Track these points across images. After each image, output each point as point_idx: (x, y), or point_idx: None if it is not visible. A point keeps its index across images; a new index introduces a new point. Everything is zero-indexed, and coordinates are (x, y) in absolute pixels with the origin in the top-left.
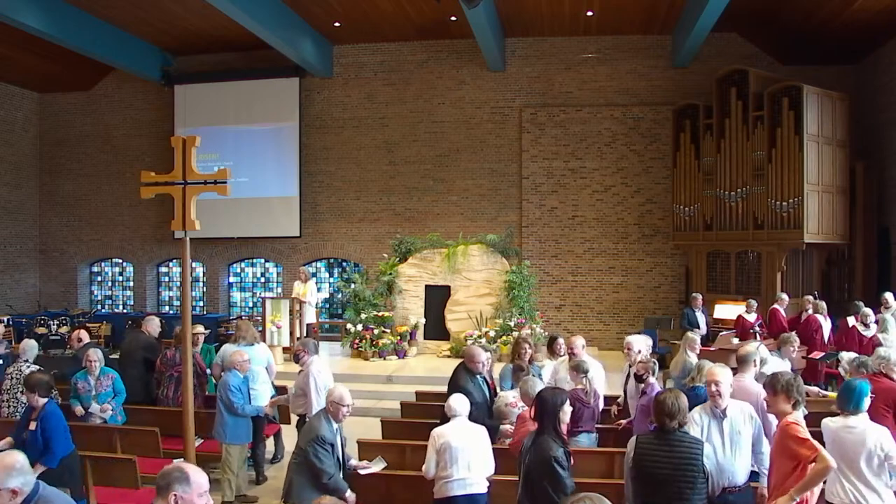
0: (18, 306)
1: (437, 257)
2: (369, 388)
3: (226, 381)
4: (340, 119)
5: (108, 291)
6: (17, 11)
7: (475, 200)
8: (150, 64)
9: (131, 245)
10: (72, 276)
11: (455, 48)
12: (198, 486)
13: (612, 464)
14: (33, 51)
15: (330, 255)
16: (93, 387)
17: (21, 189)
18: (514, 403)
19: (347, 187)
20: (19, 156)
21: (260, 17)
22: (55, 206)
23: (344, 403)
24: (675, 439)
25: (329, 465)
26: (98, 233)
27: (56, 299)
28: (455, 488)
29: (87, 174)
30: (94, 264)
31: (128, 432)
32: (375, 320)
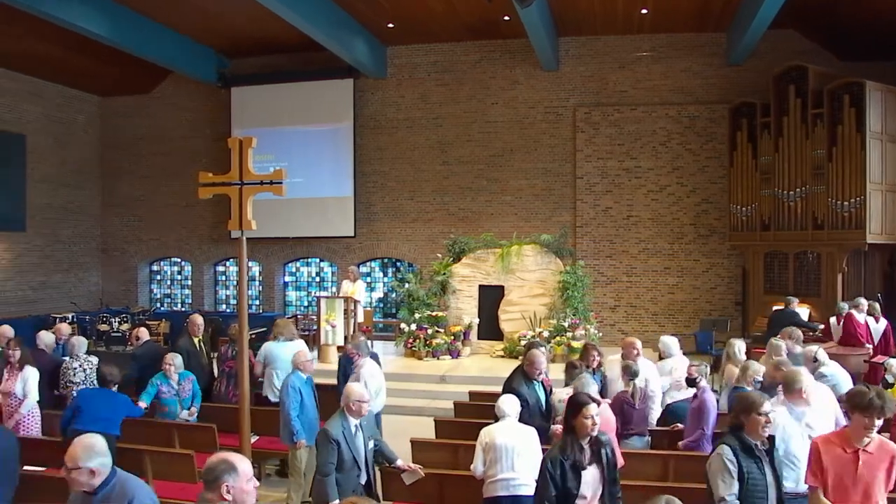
0: (82, 304)
1: (490, 257)
2: (423, 388)
3: (287, 381)
4: (394, 119)
5: (167, 290)
6: (78, 17)
7: (529, 200)
8: (207, 67)
9: (189, 245)
10: (132, 274)
11: (508, 48)
12: (245, 474)
13: (665, 466)
14: (94, 55)
15: (384, 255)
16: (177, 391)
17: (83, 190)
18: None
19: (401, 187)
20: (81, 158)
21: (314, 19)
22: (115, 206)
23: (364, 399)
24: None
25: (326, 462)
26: (157, 233)
27: (117, 297)
28: (500, 488)
29: (145, 175)
30: (154, 263)
31: (185, 428)
32: (429, 320)
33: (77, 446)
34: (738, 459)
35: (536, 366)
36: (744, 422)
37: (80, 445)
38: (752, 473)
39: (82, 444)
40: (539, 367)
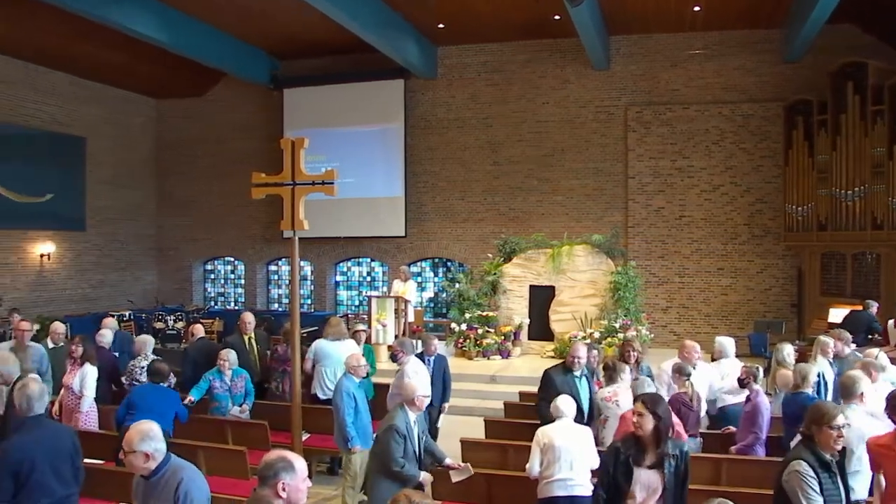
0: (138, 302)
1: (541, 257)
2: (473, 388)
3: (340, 385)
4: (445, 119)
5: (221, 289)
6: (136, 22)
7: (580, 200)
8: (260, 69)
9: (242, 244)
10: (187, 273)
11: (558, 47)
12: (301, 472)
13: (718, 470)
14: (151, 59)
15: (434, 255)
16: (229, 387)
17: (139, 191)
18: (610, 398)
19: (452, 187)
20: (138, 160)
21: (365, 20)
22: (170, 206)
23: (426, 395)
24: None
25: (399, 453)
26: (210, 232)
27: (172, 296)
28: (557, 489)
29: (200, 176)
30: (208, 262)
31: (238, 425)
32: (479, 320)
33: (134, 431)
34: (816, 474)
35: (573, 353)
36: (815, 434)
37: (137, 431)
38: (828, 488)
39: (138, 430)
40: (576, 354)
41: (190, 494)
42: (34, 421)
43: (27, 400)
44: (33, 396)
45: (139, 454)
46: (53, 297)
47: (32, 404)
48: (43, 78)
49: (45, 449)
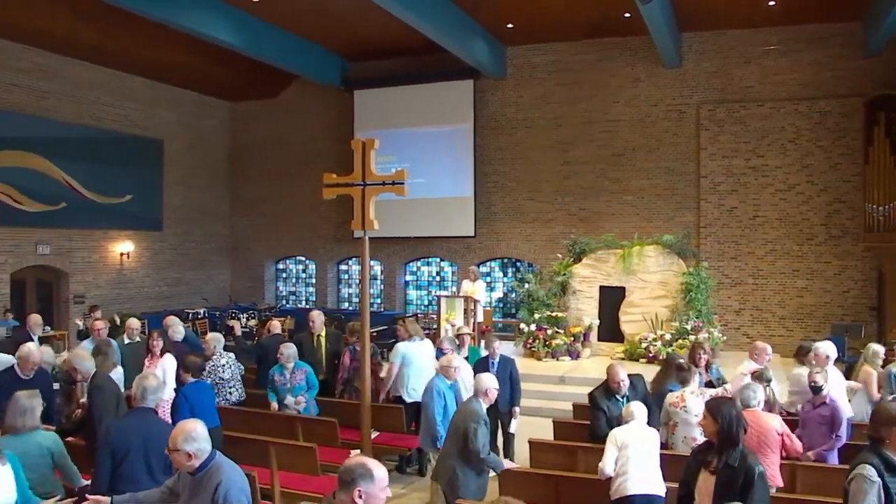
0: (212, 300)
1: (611, 258)
2: (541, 388)
3: (431, 385)
4: (514, 120)
5: (293, 288)
6: (210, 27)
7: (651, 200)
8: (331, 71)
9: (313, 244)
10: (259, 272)
11: (629, 45)
12: (381, 481)
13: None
14: (225, 63)
15: (504, 255)
16: (288, 380)
17: (213, 191)
18: (677, 403)
19: (521, 187)
20: (212, 161)
21: (435, 21)
22: (243, 207)
23: (496, 387)
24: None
25: (485, 442)
26: (282, 232)
27: (245, 294)
28: (633, 487)
29: (272, 177)
30: (280, 262)
31: (309, 422)
32: (549, 320)
33: (178, 431)
34: (882, 480)
35: (615, 378)
36: (884, 436)
37: (181, 430)
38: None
39: (183, 430)
40: (618, 379)
41: (229, 495)
42: (141, 412)
43: (143, 391)
44: (149, 389)
45: (182, 453)
46: (132, 294)
47: (146, 396)
48: (123, 83)
49: (142, 440)
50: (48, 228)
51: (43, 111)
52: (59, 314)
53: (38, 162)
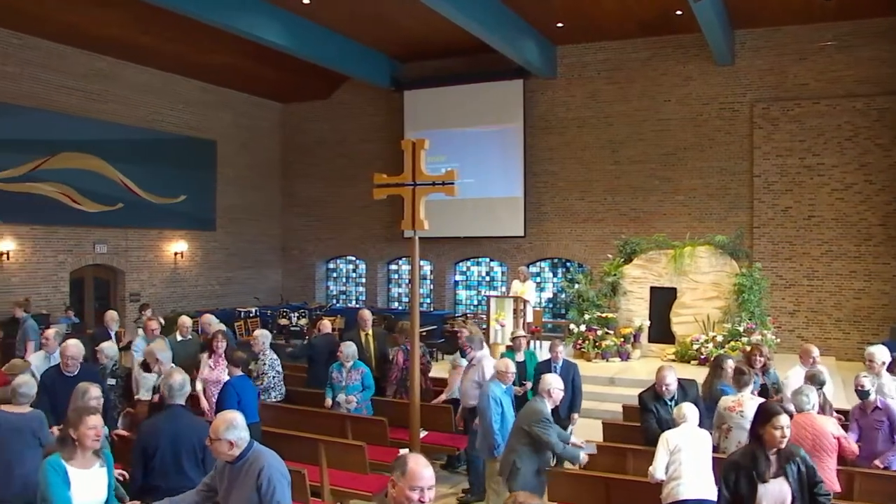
0: (264, 299)
1: (662, 258)
2: (591, 390)
3: (487, 391)
4: (564, 119)
5: (343, 287)
6: (263, 29)
7: (703, 200)
8: (381, 72)
9: (364, 244)
10: (310, 272)
11: (680, 43)
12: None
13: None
14: (277, 65)
15: (554, 255)
16: (344, 378)
17: (266, 192)
18: (734, 408)
19: (572, 187)
20: (265, 161)
21: (484, 21)
22: (295, 207)
23: (561, 387)
24: None
25: (555, 437)
26: (333, 232)
27: (296, 293)
28: (685, 492)
29: (323, 177)
30: (330, 261)
31: (358, 420)
32: (599, 321)
33: (220, 421)
34: None
35: (663, 382)
36: None
37: (223, 420)
38: None
39: (224, 419)
40: (666, 385)
41: (272, 480)
42: (170, 409)
43: (169, 389)
44: (174, 386)
45: (224, 442)
46: (186, 293)
47: (174, 394)
48: (177, 86)
49: (171, 437)
50: (105, 228)
51: (101, 114)
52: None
53: (96, 163)
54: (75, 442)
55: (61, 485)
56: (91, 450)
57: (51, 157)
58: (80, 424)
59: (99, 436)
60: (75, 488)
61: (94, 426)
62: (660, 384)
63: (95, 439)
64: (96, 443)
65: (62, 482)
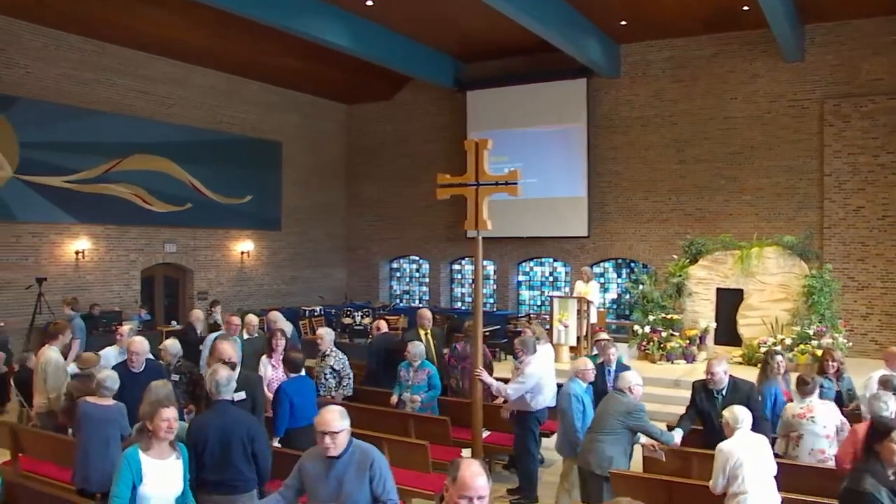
0: (328, 298)
1: (729, 259)
2: (655, 392)
3: (568, 390)
4: (628, 118)
5: (406, 286)
6: (326, 32)
7: (770, 200)
8: (444, 72)
9: (427, 244)
10: (374, 271)
11: (747, 39)
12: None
13: None
14: (341, 67)
15: (617, 256)
16: (411, 377)
17: (331, 192)
18: (803, 414)
19: (636, 187)
20: (330, 162)
21: (547, 20)
22: (359, 207)
23: (641, 384)
24: None
25: (653, 426)
26: (397, 232)
27: (360, 293)
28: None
29: (387, 177)
30: (394, 261)
31: (421, 419)
32: (663, 322)
33: (330, 414)
34: None
35: (707, 370)
36: None
37: (333, 412)
38: None
39: (337, 411)
40: (710, 374)
41: (383, 472)
42: (218, 405)
43: (216, 385)
44: (221, 382)
45: (346, 431)
46: (252, 291)
47: (220, 389)
48: (244, 88)
49: (218, 432)
50: (174, 228)
51: (170, 117)
52: (184, 310)
53: (165, 165)
54: (150, 433)
55: (127, 479)
56: (165, 441)
57: (123, 160)
58: (155, 416)
59: (171, 428)
60: (151, 478)
61: (167, 418)
62: (706, 372)
63: (168, 431)
64: (169, 434)
65: (129, 476)
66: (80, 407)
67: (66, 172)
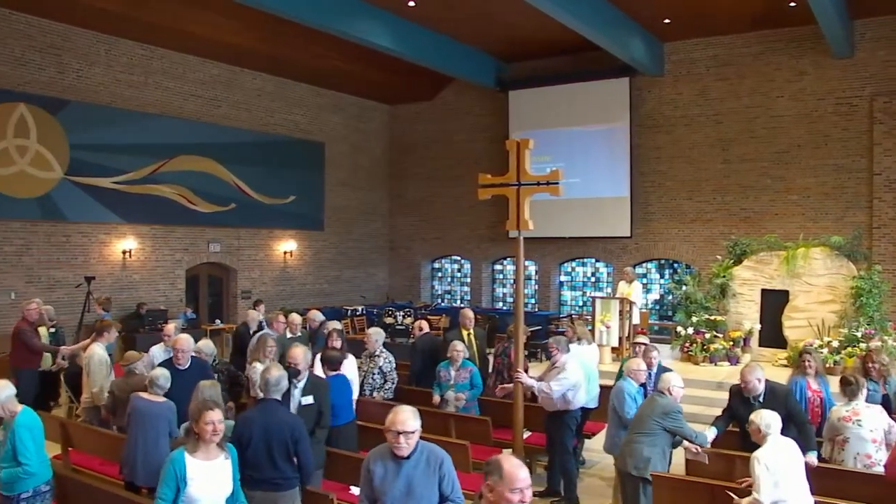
0: (370, 297)
1: (774, 260)
2: (698, 394)
3: (621, 389)
4: (672, 117)
5: (448, 286)
6: (370, 33)
7: (817, 200)
8: (486, 72)
9: (468, 244)
10: (416, 271)
11: (794, 36)
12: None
13: None
14: (384, 68)
15: (661, 256)
16: (452, 377)
17: (373, 192)
18: (849, 418)
19: (680, 187)
20: (372, 162)
21: (590, 20)
22: (401, 207)
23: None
24: None
25: (690, 429)
26: (439, 232)
27: (401, 292)
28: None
29: (429, 177)
30: (436, 261)
31: (462, 419)
32: (707, 324)
33: (405, 413)
34: None
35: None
36: None
37: (408, 411)
38: None
39: (410, 411)
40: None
41: (450, 472)
42: (265, 403)
43: (265, 384)
44: (271, 381)
45: (417, 432)
46: (294, 291)
47: (269, 388)
48: (288, 89)
49: (263, 429)
50: (219, 228)
51: (216, 118)
52: (227, 309)
53: (210, 165)
54: (197, 435)
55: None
56: (212, 443)
57: (169, 160)
58: (200, 419)
59: (216, 430)
60: (199, 480)
61: (212, 421)
62: (740, 380)
63: (214, 433)
64: (215, 437)
65: (174, 479)
66: (132, 402)
67: (114, 173)
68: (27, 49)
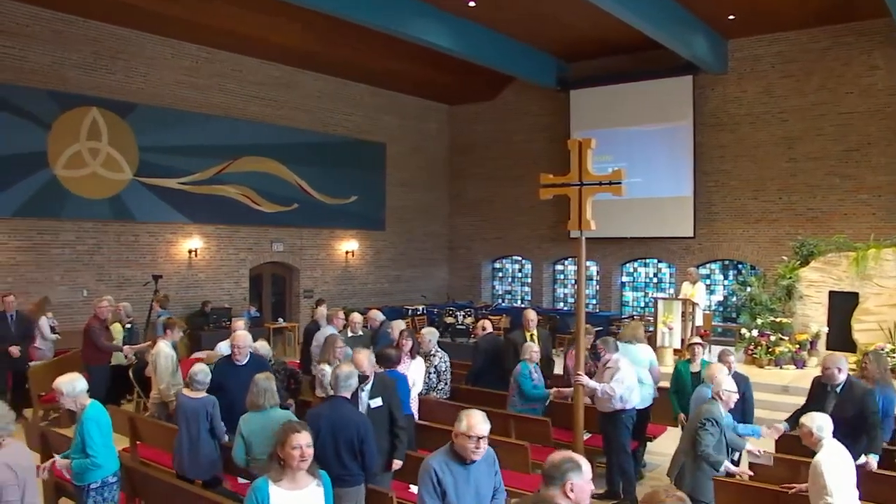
0: (430, 297)
1: (843, 261)
2: (762, 398)
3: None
4: (736, 116)
5: (508, 286)
6: (430, 34)
7: (890, 199)
8: (546, 72)
9: (529, 244)
10: (476, 271)
11: (864, 30)
12: (588, 474)
13: None
14: (444, 68)
15: (724, 257)
16: (536, 378)
17: (433, 192)
18: None
19: (744, 186)
20: (432, 162)
21: (652, 17)
22: (461, 207)
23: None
24: None
25: (710, 441)
26: (499, 232)
27: (462, 292)
28: None
29: (489, 177)
30: (496, 261)
31: (522, 420)
32: (772, 326)
33: (476, 417)
34: None
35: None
36: None
37: (479, 415)
38: None
39: (481, 415)
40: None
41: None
42: (334, 400)
43: (335, 379)
44: (340, 377)
45: (487, 436)
46: (356, 290)
47: (338, 385)
48: (349, 90)
49: (330, 426)
50: (282, 227)
51: (278, 119)
52: (290, 307)
53: (273, 166)
54: (282, 462)
55: None
56: (300, 470)
57: (233, 161)
58: (286, 444)
59: (304, 456)
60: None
61: (300, 445)
62: (824, 365)
63: (302, 459)
64: (304, 463)
65: None
66: (177, 399)
67: (181, 174)
68: (98, 55)
